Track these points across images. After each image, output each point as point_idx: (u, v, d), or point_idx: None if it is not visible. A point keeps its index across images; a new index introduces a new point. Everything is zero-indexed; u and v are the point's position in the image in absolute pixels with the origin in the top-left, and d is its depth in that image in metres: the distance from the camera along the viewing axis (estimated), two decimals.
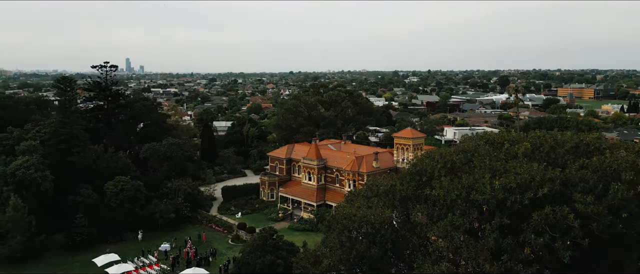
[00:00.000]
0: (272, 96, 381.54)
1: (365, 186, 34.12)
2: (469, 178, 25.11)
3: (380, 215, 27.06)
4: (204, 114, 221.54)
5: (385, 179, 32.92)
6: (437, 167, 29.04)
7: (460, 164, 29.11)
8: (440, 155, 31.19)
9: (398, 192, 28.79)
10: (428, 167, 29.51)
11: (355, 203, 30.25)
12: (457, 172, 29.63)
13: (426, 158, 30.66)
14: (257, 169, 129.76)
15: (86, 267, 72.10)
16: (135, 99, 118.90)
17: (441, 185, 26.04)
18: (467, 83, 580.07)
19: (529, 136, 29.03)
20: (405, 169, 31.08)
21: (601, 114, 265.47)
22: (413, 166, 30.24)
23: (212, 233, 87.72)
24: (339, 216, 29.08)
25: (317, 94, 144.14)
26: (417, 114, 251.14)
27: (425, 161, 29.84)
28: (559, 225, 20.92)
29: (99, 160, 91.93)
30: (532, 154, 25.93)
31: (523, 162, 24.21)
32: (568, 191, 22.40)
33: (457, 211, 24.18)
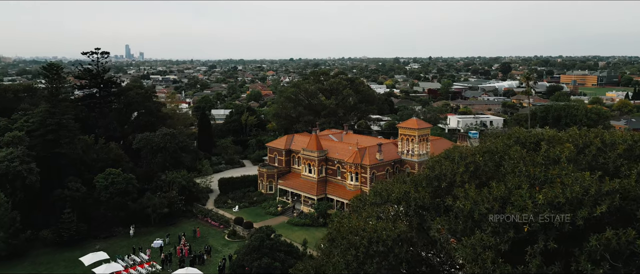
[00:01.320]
0: (272, 83, 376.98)
1: (371, 191, 29.83)
2: (500, 188, 20.83)
3: (394, 230, 22.82)
4: (201, 102, 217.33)
5: (397, 184, 28.64)
6: (458, 172, 24.76)
7: (486, 168, 24.82)
8: (460, 156, 26.87)
9: (413, 201, 24.52)
10: (447, 171, 25.22)
11: (363, 213, 25.95)
12: (482, 177, 25.37)
13: (445, 160, 26.34)
14: (255, 160, 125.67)
15: (73, 266, 68.18)
16: (128, 87, 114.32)
17: (467, 195, 21.77)
18: (468, 70, 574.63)
19: (569, 134, 24.67)
20: (420, 173, 26.74)
21: (606, 101, 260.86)
22: (430, 170, 25.91)
23: (208, 228, 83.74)
24: (344, 229, 24.84)
25: (318, 82, 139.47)
26: (419, 101, 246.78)
27: (444, 164, 25.53)
28: (621, 252, 16.71)
29: (89, 151, 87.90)
30: (576, 158, 21.62)
31: (569, 170, 19.90)
32: (629, 208, 18.15)
33: (488, 229, 19.94)
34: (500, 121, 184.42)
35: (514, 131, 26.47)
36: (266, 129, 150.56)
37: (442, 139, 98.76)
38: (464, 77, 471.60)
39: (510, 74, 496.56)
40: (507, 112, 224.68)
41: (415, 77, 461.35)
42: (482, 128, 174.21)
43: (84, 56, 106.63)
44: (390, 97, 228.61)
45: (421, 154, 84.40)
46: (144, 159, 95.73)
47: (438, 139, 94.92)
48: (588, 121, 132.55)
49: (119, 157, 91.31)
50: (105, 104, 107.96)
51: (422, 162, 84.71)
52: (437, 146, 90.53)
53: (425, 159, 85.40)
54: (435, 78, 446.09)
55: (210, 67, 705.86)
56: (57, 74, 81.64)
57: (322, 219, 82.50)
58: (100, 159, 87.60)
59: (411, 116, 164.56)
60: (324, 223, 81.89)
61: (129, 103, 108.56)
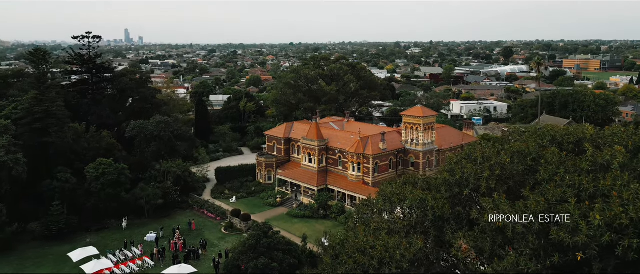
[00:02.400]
0: (272, 68, 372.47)
1: (380, 194, 26.29)
2: (539, 200, 17.27)
3: (409, 249, 19.32)
4: (200, 87, 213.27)
5: (408, 187, 25.12)
6: (483, 176, 21.20)
7: (515, 171, 21.26)
8: (483, 156, 23.28)
9: (430, 211, 21.00)
10: (470, 175, 21.65)
11: (371, 223, 22.42)
12: (509, 182, 21.81)
13: (466, 161, 22.74)
14: (254, 147, 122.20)
15: (61, 261, 64.93)
16: (122, 73, 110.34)
17: (497, 206, 18.23)
18: (469, 54, 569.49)
19: (613, 131, 21.07)
20: (437, 176, 23.16)
21: (610, 86, 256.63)
22: (450, 173, 22.33)
23: (204, 220, 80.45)
24: (350, 246, 21.33)
25: (318, 68, 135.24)
26: (420, 86, 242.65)
27: (467, 167, 21.94)
28: None
29: (79, 140, 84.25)
30: (629, 163, 18.05)
31: (624, 179, 16.33)
32: None
33: (526, 250, 16.44)
34: (504, 107, 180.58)
35: (547, 128, 22.84)
36: (265, 116, 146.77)
37: (447, 127, 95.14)
38: (466, 61, 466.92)
39: (512, 58, 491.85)
40: (510, 97, 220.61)
41: (417, 61, 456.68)
42: (485, 114, 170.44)
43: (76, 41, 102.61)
44: (392, 83, 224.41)
45: (426, 143, 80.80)
46: (137, 148, 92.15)
47: (443, 127, 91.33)
48: (596, 107, 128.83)
49: (111, 146, 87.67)
50: (98, 90, 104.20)
51: (426, 152, 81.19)
52: (442, 135, 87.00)
53: (430, 148, 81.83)
54: (437, 63, 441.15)
55: (210, 51, 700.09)
56: (43, 59, 77.70)
57: (323, 211, 79.25)
58: (91, 148, 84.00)
59: (413, 102, 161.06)
60: (325, 215, 78.73)
61: (123, 89, 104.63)
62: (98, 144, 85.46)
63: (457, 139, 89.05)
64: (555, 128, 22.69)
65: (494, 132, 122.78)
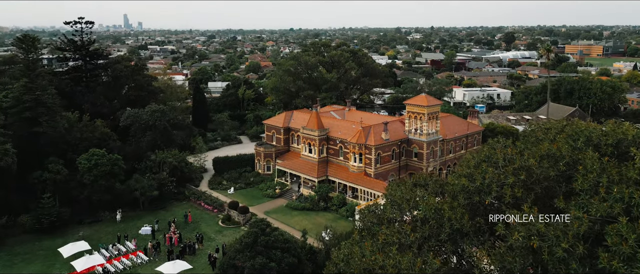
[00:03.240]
0: (272, 54, 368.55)
1: (387, 199, 23.61)
2: (580, 217, 14.59)
3: (426, 270, 16.70)
4: (198, 73, 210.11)
5: (418, 190, 22.45)
6: (507, 183, 18.52)
7: (543, 176, 18.55)
8: (505, 158, 20.59)
9: (447, 223, 18.35)
10: (492, 180, 18.96)
11: (379, 236, 19.75)
12: (536, 188, 19.12)
13: (486, 165, 20.03)
14: (253, 136, 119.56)
15: (52, 256, 62.49)
16: (116, 59, 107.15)
17: (528, 222, 15.56)
18: (471, 40, 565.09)
19: None
20: (453, 181, 20.43)
21: (613, 72, 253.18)
22: (469, 179, 19.63)
23: (201, 212, 77.95)
24: (356, 265, 18.70)
25: (319, 54, 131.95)
26: (422, 73, 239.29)
27: (487, 171, 19.23)
28: None
29: (72, 130, 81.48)
30: None
31: None
32: None
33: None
34: (507, 94, 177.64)
35: (580, 127, 20.10)
36: (265, 103, 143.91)
37: (452, 116, 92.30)
38: (467, 47, 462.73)
39: (514, 44, 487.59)
40: (513, 84, 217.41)
41: (417, 47, 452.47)
42: (489, 101, 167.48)
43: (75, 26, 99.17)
44: (393, 69, 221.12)
45: (430, 133, 78.08)
46: (132, 137, 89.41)
47: (447, 116, 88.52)
48: (603, 94, 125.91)
49: (105, 135, 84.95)
50: (92, 78, 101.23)
51: (431, 142, 78.48)
52: (446, 124, 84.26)
53: (435, 138, 79.11)
54: (438, 48, 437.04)
55: (209, 37, 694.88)
56: (33, 46, 74.68)
57: (323, 202, 76.79)
58: (84, 138, 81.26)
59: (415, 89, 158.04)
60: (325, 207, 76.29)
61: (117, 76, 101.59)
62: (91, 133, 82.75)
63: (462, 129, 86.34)
64: (589, 127, 19.94)
65: (498, 120, 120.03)
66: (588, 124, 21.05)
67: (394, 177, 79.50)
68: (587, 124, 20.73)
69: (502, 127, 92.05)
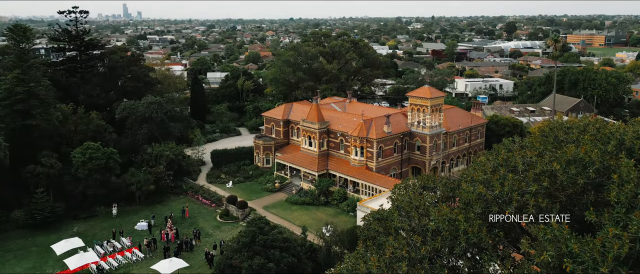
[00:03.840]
0: (272, 44, 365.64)
1: (394, 205, 21.72)
2: (621, 236, 12.72)
3: None
4: (197, 64, 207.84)
5: (426, 196, 20.57)
6: (529, 191, 16.64)
7: (568, 184, 16.67)
8: (524, 161, 18.70)
9: (463, 237, 16.48)
10: (512, 188, 17.06)
11: (386, 248, 17.83)
12: (560, 196, 17.24)
13: (504, 169, 18.12)
14: (252, 128, 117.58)
15: (46, 253, 60.82)
16: (112, 50, 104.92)
17: (557, 239, 13.69)
18: (472, 30, 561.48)
19: None
20: (468, 188, 18.51)
21: (616, 62, 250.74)
22: (486, 186, 17.73)
23: (198, 207, 76.19)
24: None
25: (319, 44, 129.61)
26: (423, 63, 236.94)
27: (507, 178, 17.32)
28: None
29: (66, 122, 79.63)
30: None
31: None
32: None
33: None
34: (510, 84, 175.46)
35: (609, 128, 18.16)
36: (264, 95, 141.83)
37: (455, 108, 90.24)
38: (468, 37, 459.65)
39: (515, 34, 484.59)
40: (515, 74, 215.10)
41: (418, 37, 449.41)
42: (491, 92, 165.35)
43: None
44: (394, 59, 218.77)
45: (433, 125, 76.11)
46: (128, 129, 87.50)
47: (450, 108, 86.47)
48: (608, 85, 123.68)
49: (100, 128, 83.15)
50: (87, 69, 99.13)
51: (434, 135, 76.53)
52: (449, 116, 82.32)
53: (438, 131, 77.14)
54: (439, 38, 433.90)
55: (209, 27, 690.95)
56: (25, 36, 72.55)
57: (324, 197, 74.99)
58: (79, 130, 79.49)
59: (417, 79, 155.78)
60: (326, 202, 74.53)
61: (113, 67, 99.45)
62: (86, 126, 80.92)
63: (466, 121, 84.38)
64: (620, 128, 18.00)
65: (502, 112, 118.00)
66: (618, 124, 19.13)
67: (396, 171, 77.72)
68: (617, 126, 18.80)
69: (506, 119, 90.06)
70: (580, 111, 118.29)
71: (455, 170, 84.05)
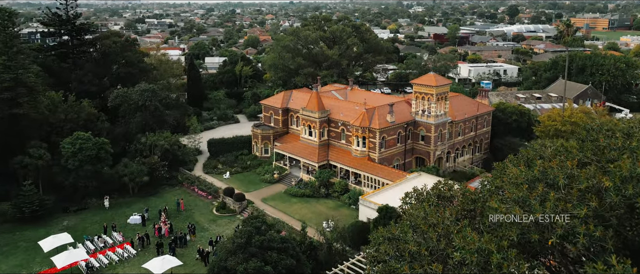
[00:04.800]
0: (271, 28, 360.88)
1: (405, 220, 18.73)
2: None
3: None
4: (196, 48, 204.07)
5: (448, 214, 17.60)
6: (578, 215, 13.65)
7: (623, 205, 13.69)
8: (565, 174, 15.64)
9: (495, 269, 13.50)
10: (555, 210, 14.04)
11: None
12: (611, 219, 14.34)
13: (542, 185, 15.07)
14: (251, 115, 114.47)
15: (33, 249, 57.99)
16: (104, 35, 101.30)
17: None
18: (474, 13, 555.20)
19: None
20: (500, 209, 15.46)
21: (621, 46, 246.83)
22: (521, 207, 14.68)
23: (194, 199, 73.36)
24: None
25: (319, 29, 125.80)
26: (425, 47, 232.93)
27: (548, 196, 14.30)
28: None
29: (56, 111, 76.41)
30: None
31: None
32: None
33: None
34: (514, 69, 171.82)
35: None
36: (263, 81, 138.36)
37: (461, 96, 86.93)
38: (470, 21, 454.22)
39: (518, 17, 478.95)
40: (519, 59, 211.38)
41: (420, 21, 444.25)
42: (495, 78, 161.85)
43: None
44: (395, 44, 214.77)
45: (439, 114, 72.92)
46: (122, 118, 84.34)
47: (456, 96, 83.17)
48: (616, 71, 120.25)
49: (92, 116, 79.94)
50: (79, 54, 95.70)
51: (439, 124, 73.39)
52: (455, 104, 79.16)
53: (443, 120, 73.95)
54: (440, 22, 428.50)
55: (208, 10, 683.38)
56: (10, 21, 69.11)
57: (324, 189, 72.10)
58: (69, 119, 76.22)
59: (419, 65, 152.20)
60: (327, 194, 71.66)
61: (106, 53, 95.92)
62: (77, 114, 77.63)
63: (472, 110, 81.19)
64: None
65: (507, 98, 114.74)
66: None
67: (399, 162, 74.73)
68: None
69: (513, 107, 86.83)
70: (588, 98, 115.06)
71: (460, 160, 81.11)
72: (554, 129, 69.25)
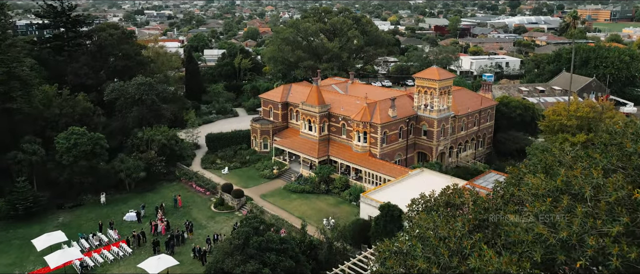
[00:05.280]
0: (271, 19, 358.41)
1: (413, 233, 17.30)
2: None
3: None
4: (194, 40, 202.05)
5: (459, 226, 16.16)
6: (610, 232, 12.19)
7: None
8: (591, 182, 14.21)
9: None
10: (583, 227, 12.57)
11: None
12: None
13: (568, 198, 13.62)
14: (250, 108, 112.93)
15: (27, 248, 56.64)
16: (100, 27, 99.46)
17: None
18: (475, 4, 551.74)
19: None
20: (521, 226, 13.95)
21: (623, 38, 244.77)
22: (546, 224, 13.19)
23: (192, 195, 71.95)
24: None
25: (319, 21, 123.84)
26: (426, 39, 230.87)
27: (575, 211, 12.85)
28: None
29: (50, 105, 74.89)
30: None
31: None
32: None
33: None
34: (516, 62, 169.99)
35: None
36: (262, 74, 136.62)
37: (464, 90, 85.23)
38: (471, 12, 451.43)
39: (519, 9, 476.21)
40: (521, 51, 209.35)
41: (420, 12, 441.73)
42: (497, 70, 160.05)
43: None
44: (396, 36, 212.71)
45: (442, 109, 71.33)
46: (118, 112, 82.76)
47: (459, 90, 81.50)
48: (621, 64, 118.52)
49: (87, 110, 78.38)
50: (75, 47, 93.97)
51: (442, 119, 71.81)
52: (458, 98, 77.61)
53: (446, 115, 72.37)
54: (441, 13, 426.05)
55: (208, 1, 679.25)
56: (1, 13, 67.44)
57: (325, 185, 70.63)
58: (64, 113, 74.71)
59: (420, 57, 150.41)
60: (327, 190, 70.21)
61: (102, 45, 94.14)
62: (72, 109, 76.11)
63: (475, 104, 79.60)
64: None
65: (510, 92, 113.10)
66: None
67: (400, 158, 73.22)
68: None
69: (517, 101, 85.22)
70: (592, 91, 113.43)
71: (462, 155, 79.62)
72: (559, 124, 67.56)
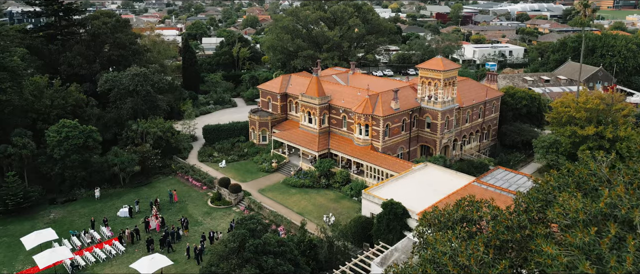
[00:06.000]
0: (270, 7, 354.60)
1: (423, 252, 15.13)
2: None
3: None
4: (192, 28, 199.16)
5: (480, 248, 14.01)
6: None
7: None
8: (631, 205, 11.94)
9: None
10: (637, 264, 10.34)
11: None
12: None
13: (615, 226, 11.38)
14: (249, 98, 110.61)
15: (16, 246, 54.59)
16: (94, 15, 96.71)
17: None
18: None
19: None
20: (559, 256, 11.73)
21: (627, 26, 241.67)
22: (588, 256, 10.99)
23: (188, 189, 69.74)
24: None
25: (319, 9, 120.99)
26: (427, 27, 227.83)
27: (627, 243, 10.59)
28: None
29: (41, 97, 72.52)
30: None
31: None
32: None
33: None
34: (520, 50, 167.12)
35: None
36: (262, 63, 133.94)
37: (468, 80, 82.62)
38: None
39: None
40: (524, 39, 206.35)
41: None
42: (500, 59, 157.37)
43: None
44: (397, 23, 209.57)
45: (446, 101, 68.91)
46: (112, 103, 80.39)
47: (463, 80, 78.93)
48: (627, 52, 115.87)
49: (80, 102, 76.08)
50: (68, 36, 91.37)
51: (446, 111, 69.42)
52: (462, 89, 75.17)
53: (450, 107, 69.94)
54: (443, 1, 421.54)
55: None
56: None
57: (325, 179, 68.44)
58: (56, 105, 72.41)
59: (423, 46, 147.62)
60: (327, 184, 68.03)
61: (96, 34, 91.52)
62: (64, 100, 73.80)
63: (480, 95, 77.15)
64: None
65: (514, 81, 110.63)
66: None
67: (403, 151, 70.95)
68: None
69: (523, 92, 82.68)
70: (598, 81, 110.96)
71: (467, 148, 77.35)
72: (568, 116, 65.14)
